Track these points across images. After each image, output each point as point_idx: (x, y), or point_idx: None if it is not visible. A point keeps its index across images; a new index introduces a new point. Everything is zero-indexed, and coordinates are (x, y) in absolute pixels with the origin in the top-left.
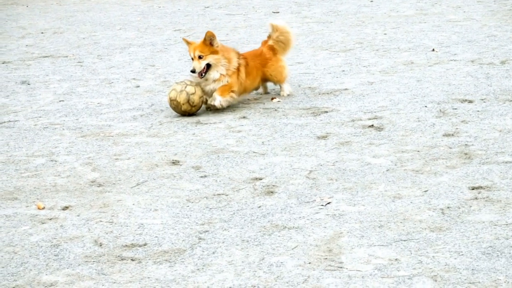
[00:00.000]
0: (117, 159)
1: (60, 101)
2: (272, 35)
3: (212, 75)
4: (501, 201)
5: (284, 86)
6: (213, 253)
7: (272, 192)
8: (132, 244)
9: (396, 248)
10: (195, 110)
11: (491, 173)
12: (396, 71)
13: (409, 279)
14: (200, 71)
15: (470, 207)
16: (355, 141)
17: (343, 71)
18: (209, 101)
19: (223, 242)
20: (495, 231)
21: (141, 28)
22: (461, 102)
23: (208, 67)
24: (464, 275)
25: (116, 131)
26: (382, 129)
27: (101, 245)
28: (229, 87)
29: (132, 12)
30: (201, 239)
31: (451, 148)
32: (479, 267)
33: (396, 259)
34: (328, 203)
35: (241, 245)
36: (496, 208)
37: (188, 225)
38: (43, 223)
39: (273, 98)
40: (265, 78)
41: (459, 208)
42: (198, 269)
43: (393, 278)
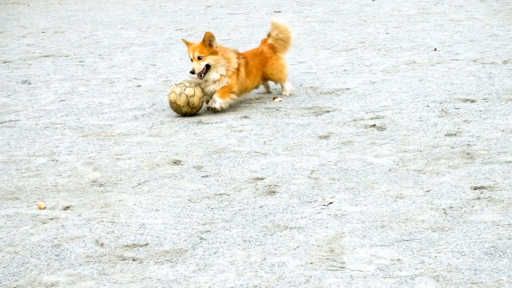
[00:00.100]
0: (119, 158)
1: (61, 100)
2: (272, 33)
3: (212, 76)
4: (503, 201)
5: (285, 85)
6: (215, 253)
7: (273, 192)
8: (134, 244)
9: (398, 248)
10: (196, 111)
11: (494, 173)
12: (398, 71)
13: (411, 279)
14: (200, 72)
15: (473, 207)
16: (357, 140)
17: (345, 70)
18: (209, 103)
19: (224, 242)
20: (498, 231)
21: (142, 28)
22: (463, 102)
23: (208, 68)
24: (467, 275)
25: (117, 130)
26: (384, 128)
27: (102, 245)
28: (229, 88)
29: (133, 12)
30: (202, 239)
31: (453, 148)
32: (481, 267)
33: (398, 259)
34: (330, 203)
35: (243, 245)
36: (499, 208)
37: (189, 225)
38: (44, 223)
39: (275, 98)
40: (265, 77)
41: (461, 208)
42: (199, 269)
43: (395, 278)
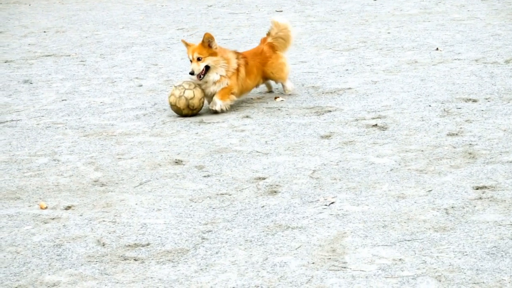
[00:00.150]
0: (120, 158)
1: (63, 100)
2: (271, 32)
3: (211, 77)
4: (505, 201)
5: (286, 84)
6: (216, 253)
7: (275, 192)
8: (135, 244)
9: (400, 248)
10: (196, 112)
11: (496, 173)
12: (400, 70)
13: (413, 279)
14: (199, 73)
15: (475, 207)
16: (358, 140)
17: (347, 70)
18: (210, 106)
19: (226, 242)
20: (500, 231)
21: (144, 27)
22: (465, 102)
23: (207, 69)
24: (469, 275)
25: (119, 130)
26: (386, 128)
27: (104, 245)
28: (229, 90)
29: (135, 11)
30: (204, 239)
31: (455, 147)
32: (483, 267)
33: (400, 259)
34: (332, 203)
35: (245, 245)
36: (501, 208)
37: (191, 225)
38: (45, 222)
39: (276, 98)
40: (266, 76)
41: (463, 208)
42: (201, 269)
43: (397, 278)
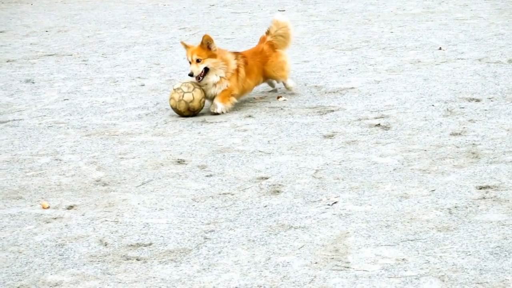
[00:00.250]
0: (122, 158)
1: (65, 99)
2: (270, 30)
3: (211, 79)
4: (509, 200)
5: (287, 82)
6: (219, 252)
7: (278, 192)
8: (138, 243)
9: (403, 248)
10: (198, 112)
11: (499, 173)
12: (403, 70)
13: (416, 279)
14: (198, 75)
15: (478, 206)
16: (361, 140)
17: (350, 69)
18: (210, 108)
19: (229, 242)
20: (503, 231)
21: (146, 27)
22: (469, 101)
23: (206, 70)
24: (472, 275)
25: (121, 130)
26: (389, 128)
27: (106, 245)
28: (229, 92)
29: (137, 10)
30: (206, 238)
31: (458, 147)
32: (487, 267)
33: (403, 259)
34: (335, 202)
35: (247, 244)
36: (504, 207)
37: (193, 224)
38: (47, 222)
39: (279, 97)
40: (267, 75)
41: (466, 208)
42: (204, 269)
43: (400, 278)
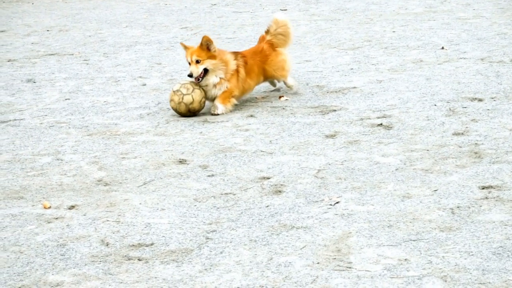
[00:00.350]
0: (124, 158)
1: (66, 99)
2: (270, 29)
3: (211, 80)
4: (511, 200)
5: (287, 82)
6: (221, 253)
7: (280, 192)
8: (139, 243)
9: (406, 248)
10: (198, 112)
11: (501, 172)
12: (405, 69)
13: (418, 279)
14: (197, 75)
15: (480, 206)
16: (363, 140)
17: (352, 69)
18: (211, 110)
19: (230, 242)
20: (506, 231)
21: (148, 26)
22: (471, 101)
23: (206, 71)
24: (474, 275)
25: (122, 129)
26: (391, 127)
27: (107, 245)
28: (229, 93)
29: (138, 10)
30: (208, 238)
31: (460, 147)
32: (489, 267)
33: (406, 259)
34: (337, 202)
35: (249, 245)
36: (507, 207)
37: (195, 224)
38: (49, 222)
39: (281, 97)
40: (267, 75)
41: (469, 208)
42: (205, 269)
43: (403, 278)
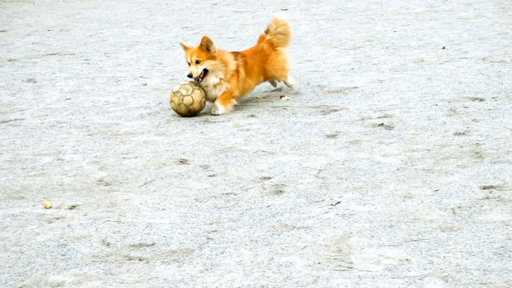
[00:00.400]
0: (125, 157)
1: (67, 99)
2: (270, 28)
3: (211, 80)
4: None
5: (288, 81)
6: (222, 253)
7: (281, 192)
8: (140, 243)
9: (407, 248)
10: (199, 112)
11: (503, 173)
12: (406, 69)
13: (419, 279)
14: (197, 76)
15: (482, 206)
16: (364, 140)
17: (353, 69)
18: (211, 110)
19: (231, 242)
20: (507, 231)
21: (149, 26)
22: (472, 101)
23: (205, 72)
24: (476, 275)
25: (123, 129)
26: (392, 127)
27: (108, 245)
28: (229, 94)
29: (139, 9)
30: (209, 238)
31: (462, 147)
32: (490, 267)
33: (407, 259)
34: (338, 202)
35: (250, 245)
36: (508, 207)
37: (196, 224)
38: (50, 222)
39: (282, 97)
40: (268, 75)
41: (470, 208)
42: (206, 269)
43: (404, 278)
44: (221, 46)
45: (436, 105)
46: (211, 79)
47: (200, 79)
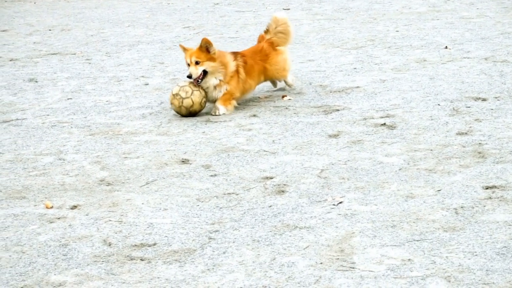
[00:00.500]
0: (126, 157)
1: (68, 99)
2: (270, 28)
3: (211, 82)
4: None
5: (288, 80)
6: (224, 253)
7: (283, 191)
8: (142, 243)
9: (409, 248)
10: (200, 112)
11: (505, 172)
12: (409, 69)
13: (422, 279)
14: (197, 77)
15: (484, 206)
16: (367, 139)
17: (355, 68)
18: (212, 111)
19: (233, 242)
20: (510, 231)
21: (150, 25)
22: (475, 100)
23: (205, 73)
24: (478, 275)
25: (125, 129)
26: (395, 127)
27: (110, 245)
28: (230, 95)
29: (141, 9)
30: (211, 238)
31: (464, 147)
32: (493, 267)
33: (409, 259)
34: (340, 202)
35: (252, 245)
36: (511, 207)
37: (198, 224)
38: (51, 222)
39: (283, 96)
40: (268, 74)
41: (472, 208)
42: (208, 269)
43: (406, 278)
44: (222, 46)
45: (439, 105)
46: (210, 81)
47: (199, 80)
